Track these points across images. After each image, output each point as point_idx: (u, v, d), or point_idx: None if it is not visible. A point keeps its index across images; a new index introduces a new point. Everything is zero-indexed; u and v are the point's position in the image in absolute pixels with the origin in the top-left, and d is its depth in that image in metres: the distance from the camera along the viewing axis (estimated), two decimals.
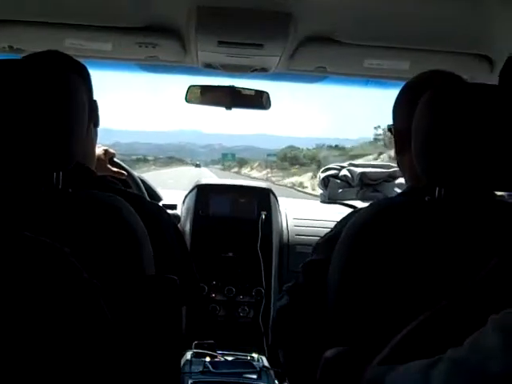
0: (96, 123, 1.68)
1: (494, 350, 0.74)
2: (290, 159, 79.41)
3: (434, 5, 1.82)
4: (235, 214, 2.86)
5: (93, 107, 1.64)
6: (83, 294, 0.97)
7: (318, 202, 3.55)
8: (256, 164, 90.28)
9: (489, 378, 0.74)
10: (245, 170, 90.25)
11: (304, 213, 3.08)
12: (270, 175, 68.41)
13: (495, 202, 1.43)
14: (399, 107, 1.63)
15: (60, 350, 0.89)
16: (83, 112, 1.33)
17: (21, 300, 0.86)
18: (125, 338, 1.16)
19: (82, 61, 1.66)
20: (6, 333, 0.84)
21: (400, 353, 1.03)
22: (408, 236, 1.31)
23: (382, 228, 1.34)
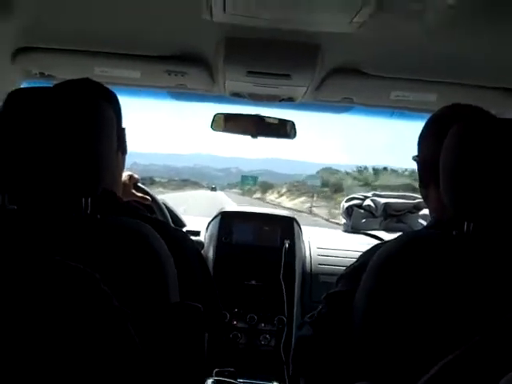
0: (124, 150, 1.71)
1: None
2: (333, 185, 58.15)
3: (461, 39, 1.83)
4: (258, 242, 2.87)
5: (121, 134, 1.67)
6: (114, 321, 0.97)
7: (341, 232, 3.55)
8: (284, 189, 73.68)
9: None
10: (270, 197, 74.88)
11: (328, 242, 3.08)
12: (308, 204, 49.07)
13: None
14: (425, 139, 1.63)
15: (91, 377, 0.89)
16: (112, 139, 1.35)
17: (52, 325, 0.87)
18: (151, 365, 1.16)
19: (111, 87, 1.69)
20: (38, 357, 0.84)
21: None
22: (435, 269, 1.29)
23: (408, 261, 1.33)
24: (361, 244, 2.85)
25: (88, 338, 0.91)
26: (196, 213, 3.50)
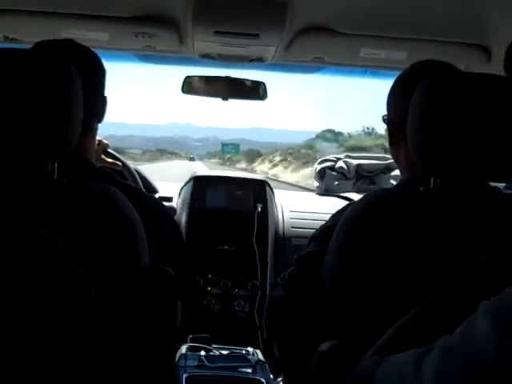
0: (100, 119, 1.68)
1: (484, 334, 0.73)
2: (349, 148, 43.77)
3: None
4: (231, 207, 2.85)
5: (102, 102, 1.65)
6: (74, 286, 0.95)
7: (314, 195, 3.54)
8: (277, 157, 56.84)
9: (480, 363, 0.73)
10: (260, 167, 58.81)
11: (300, 205, 3.07)
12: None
13: (490, 193, 1.42)
14: (394, 97, 1.61)
15: (50, 342, 0.87)
16: (79, 104, 1.31)
17: (10, 289, 0.84)
18: (117, 330, 1.15)
19: None
20: None
21: (394, 344, 1.02)
22: (403, 226, 1.30)
23: (376, 218, 1.33)
24: (333, 206, 2.83)
25: (47, 302, 0.89)
26: (171, 182, 3.46)
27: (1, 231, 0.90)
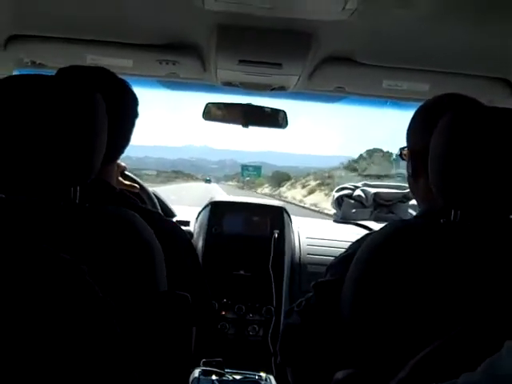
0: (126, 146, 1.71)
1: (509, 375, 0.73)
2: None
3: (454, 28, 1.82)
4: (248, 232, 2.86)
5: (130, 130, 1.68)
6: (98, 313, 0.96)
7: (331, 222, 3.54)
8: (311, 182, 50.70)
9: None
10: (292, 192, 51.85)
11: (317, 232, 3.07)
12: None
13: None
14: (414, 129, 1.63)
15: (72, 367, 0.88)
16: (103, 131, 1.33)
17: (35, 314, 0.86)
18: (135, 353, 1.15)
19: None
20: (19, 346, 0.83)
21: (415, 377, 1.02)
22: (423, 258, 1.30)
23: (396, 249, 1.34)
24: (350, 234, 2.85)
25: (70, 329, 0.90)
26: (187, 205, 3.47)
27: (28, 255, 0.91)
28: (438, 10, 1.66)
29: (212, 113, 2.66)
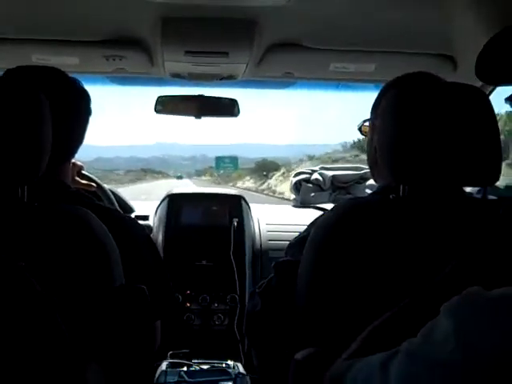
0: (80, 143, 1.69)
1: (445, 335, 0.76)
2: None
3: (397, 7, 1.84)
4: (207, 223, 2.86)
5: (82, 127, 1.66)
6: (36, 308, 0.96)
7: (290, 207, 3.56)
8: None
9: (442, 363, 0.75)
10: (283, 185, 41.96)
11: (276, 218, 3.09)
12: None
13: (462, 198, 1.44)
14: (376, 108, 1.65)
15: (13, 364, 0.88)
16: (47, 129, 1.32)
17: None
18: (92, 350, 1.16)
19: None
20: None
21: (366, 348, 1.04)
22: (372, 234, 1.32)
23: (347, 227, 1.36)
24: (310, 217, 2.86)
25: (8, 324, 0.90)
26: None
27: None
28: None
29: (164, 106, 2.65)
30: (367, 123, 1.71)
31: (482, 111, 1.34)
